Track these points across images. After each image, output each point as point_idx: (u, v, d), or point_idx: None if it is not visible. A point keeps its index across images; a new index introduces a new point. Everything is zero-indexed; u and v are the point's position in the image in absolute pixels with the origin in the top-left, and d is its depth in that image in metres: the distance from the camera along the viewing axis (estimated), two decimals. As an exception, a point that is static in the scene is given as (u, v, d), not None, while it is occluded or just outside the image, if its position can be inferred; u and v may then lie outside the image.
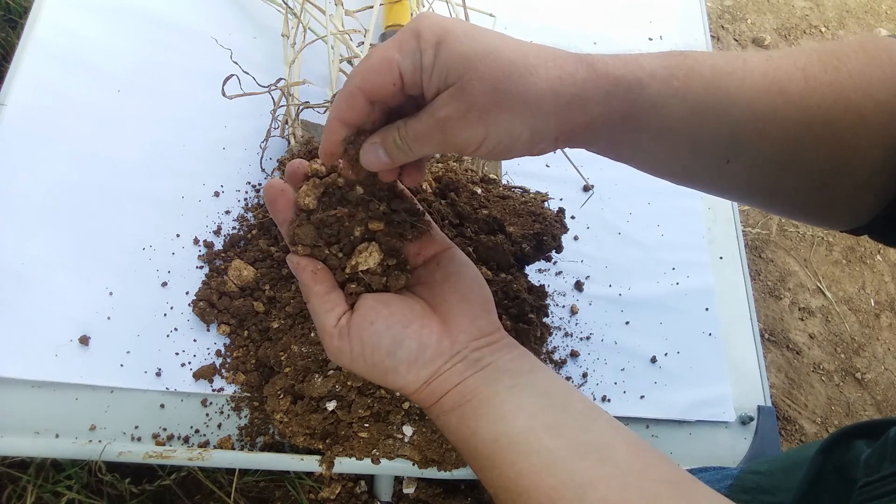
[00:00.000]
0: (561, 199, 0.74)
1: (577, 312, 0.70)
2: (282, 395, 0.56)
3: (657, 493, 0.36)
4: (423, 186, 0.60)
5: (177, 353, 0.60)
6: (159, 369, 0.59)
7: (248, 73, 0.63)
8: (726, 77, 0.37)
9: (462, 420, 0.40)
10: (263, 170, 0.69)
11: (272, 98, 0.67)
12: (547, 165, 0.78)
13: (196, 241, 0.65)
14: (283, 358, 0.56)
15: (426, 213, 0.46)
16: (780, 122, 0.37)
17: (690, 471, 0.61)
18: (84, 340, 0.58)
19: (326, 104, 0.68)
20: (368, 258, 0.42)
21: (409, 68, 0.35)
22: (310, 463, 0.57)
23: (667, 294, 0.73)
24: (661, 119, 0.37)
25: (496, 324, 0.44)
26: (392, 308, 0.41)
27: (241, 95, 0.63)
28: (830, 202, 0.41)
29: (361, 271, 0.43)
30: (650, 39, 0.92)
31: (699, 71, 0.37)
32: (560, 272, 0.72)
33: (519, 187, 0.68)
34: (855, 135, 0.37)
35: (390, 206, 0.44)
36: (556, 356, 0.67)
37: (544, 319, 0.63)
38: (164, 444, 0.57)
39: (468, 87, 0.34)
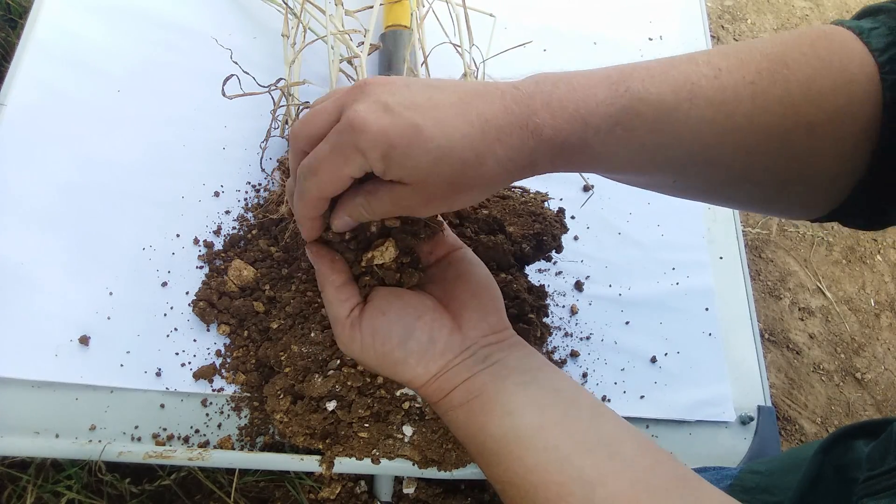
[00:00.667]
0: (561, 199, 0.74)
1: (577, 312, 0.70)
2: (282, 395, 0.56)
3: (666, 488, 0.36)
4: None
5: (177, 353, 0.60)
6: (159, 369, 0.59)
7: (248, 73, 0.63)
8: (670, 115, 0.37)
9: (470, 415, 0.40)
10: (263, 170, 0.69)
11: (272, 98, 0.67)
12: (547, 165, 0.78)
13: (196, 241, 0.65)
14: (283, 358, 0.56)
15: (438, 214, 0.47)
16: (729, 146, 0.38)
17: (690, 471, 0.61)
18: (84, 340, 0.58)
19: (326, 104, 0.68)
20: (385, 253, 0.43)
21: (359, 172, 0.37)
22: (310, 463, 0.57)
23: (667, 294, 0.73)
24: (606, 164, 0.39)
25: (506, 322, 0.45)
26: (405, 300, 0.42)
27: (241, 95, 0.63)
28: (788, 203, 0.42)
29: (376, 265, 0.43)
30: (650, 39, 0.92)
31: (643, 114, 0.37)
32: (560, 272, 0.72)
33: (519, 187, 0.68)
34: (807, 147, 0.37)
35: None
36: (556, 356, 0.67)
37: (544, 319, 0.63)
38: (164, 444, 0.57)
39: (425, 187, 0.36)
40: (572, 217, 0.73)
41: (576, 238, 0.75)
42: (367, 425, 0.56)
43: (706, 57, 0.39)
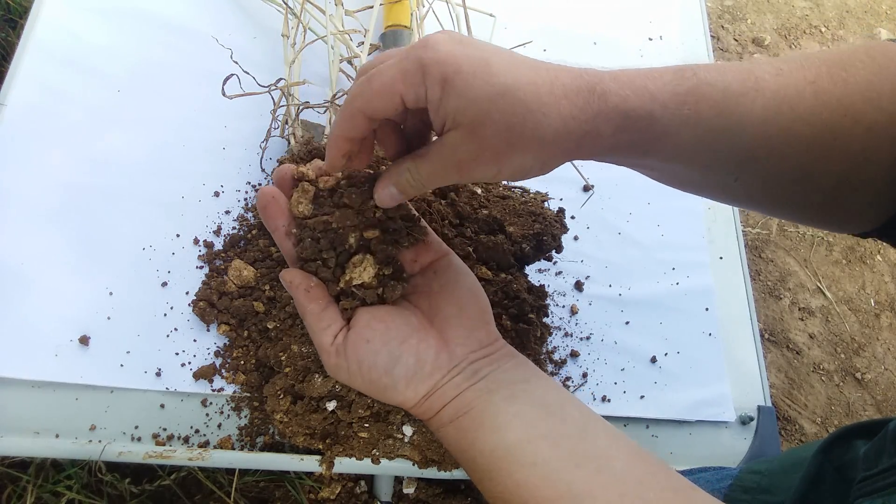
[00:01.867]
0: (561, 199, 0.74)
1: (577, 312, 0.70)
2: (282, 395, 0.56)
3: (657, 501, 0.36)
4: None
5: (177, 353, 0.60)
6: (159, 369, 0.59)
7: (248, 73, 0.64)
8: (737, 100, 0.37)
9: (460, 432, 0.40)
10: (263, 170, 0.69)
11: (272, 98, 0.67)
12: (547, 165, 0.78)
13: (196, 241, 0.65)
14: (283, 358, 0.56)
15: (421, 219, 0.46)
16: (791, 140, 0.37)
17: (690, 470, 0.61)
18: (84, 340, 0.58)
19: (326, 104, 0.68)
20: (363, 272, 0.42)
21: (412, 99, 0.35)
22: (310, 463, 0.57)
23: (667, 294, 0.73)
24: (671, 146, 0.37)
25: (494, 334, 0.44)
26: (388, 324, 0.41)
27: (241, 95, 0.63)
28: (842, 211, 0.41)
29: (355, 286, 0.42)
30: (650, 39, 0.92)
31: (710, 96, 0.37)
32: (560, 272, 0.72)
33: (519, 187, 0.68)
34: (865, 147, 0.38)
35: (386, 213, 0.43)
36: (556, 356, 0.67)
37: (544, 319, 0.63)
38: (164, 444, 0.57)
39: (480, 130, 0.34)
40: (572, 217, 0.73)
41: (576, 238, 0.75)
42: (367, 425, 0.56)
43: (766, 60, 0.39)
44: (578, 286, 0.72)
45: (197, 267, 0.64)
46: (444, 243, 0.46)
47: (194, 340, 0.61)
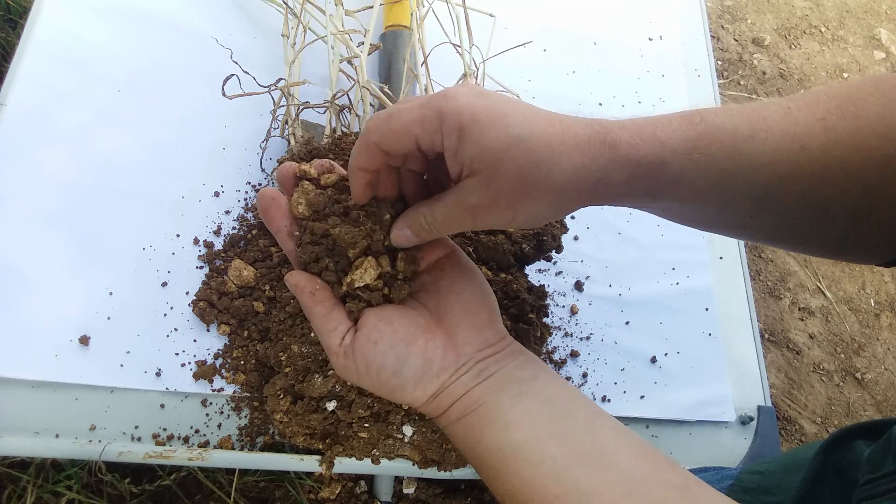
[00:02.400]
0: (561, 199, 0.74)
1: (577, 312, 0.70)
2: (282, 395, 0.56)
3: (663, 498, 0.36)
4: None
5: (177, 354, 0.60)
6: (159, 369, 0.59)
7: (248, 73, 0.64)
8: (747, 142, 0.37)
9: (468, 429, 0.40)
10: (263, 170, 0.69)
11: (272, 98, 0.67)
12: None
13: (196, 241, 0.65)
14: (283, 358, 0.56)
15: None
16: (804, 178, 0.38)
17: (690, 471, 0.61)
18: (84, 340, 0.58)
19: (326, 104, 0.68)
20: (364, 274, 0.42)
21: (427, 144, 0.37)
22: (310, 463, 0.57)
23: (667, 294, 0.73)
24: (683, 190, 0.38)
25: (501, 332, 0.44)
26: (395, 325, 0.41)
27: (241, 95, 0.63)
28: (861, 244, 0.41)
29: (359, 288, 0.42)
30: (650, 39, 0.92)
31: (719, 139, 0.37)
32: (560, 272, 0.72)
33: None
34: (880, 181, 0.37)
35: (393, 210, 0.43)
36: (556, 356, 0.67)
37: (544, 319, 0.63)
38: (164, 444, 0.57)
39: (494, 178, 0.35)
40: (572, 217, 0.74)
41: (576, 238, 0.75)
42: (367, 425, 0.56)
43: (774, 101, 0.39)
44: (578, 286, 0.72)
45: (197, 267, 0.64)
46: (450, 240, 0.46)
47: (194, 340, 0.61)
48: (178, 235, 0.65)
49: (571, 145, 0.35)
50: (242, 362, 0.60)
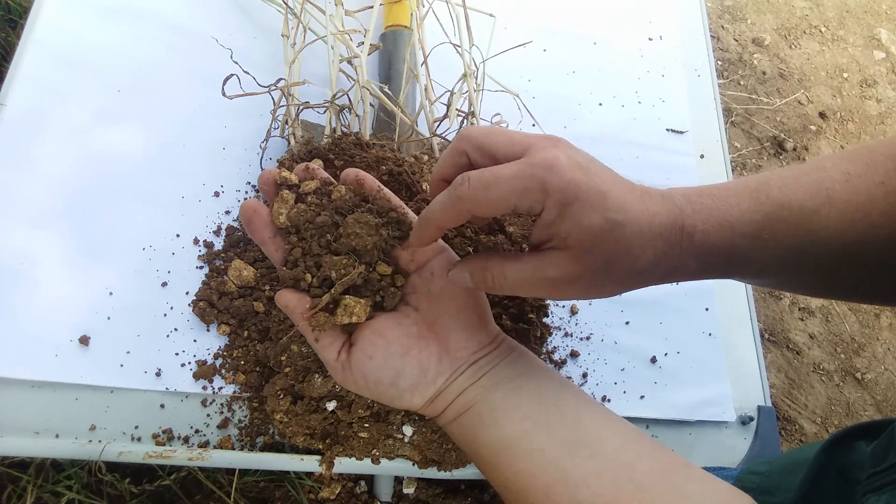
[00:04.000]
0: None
1: (577, 312, 0.70)
2: (282, 395, 0.56)
3: (648, 482, 0.37)
4: (423, 187, 0.60)
5: (177, 354, 0.60)
6: (159, 369, 0.59)
7: (248, 73, 0.63)
8: (811, 217, 0.39)
9: (464, 428, 0.42)
10: (263, 170, 0.69)
11: (272, 98, 0.67)
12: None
13: (196, 241, 0.65)
14: (283, 358, 0.56)
15: (412, 217, 0.46)
16: (870, 245, 0.39)
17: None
18: (84, 340, 0.58)
19: (326, 104, 0.68)
20: (353, 315, 0.42)
21: (524, 211, 0.37)
22: (310, 463, 0.57)
23: (667, 294, 0.73)
24: (752, 268, 0.40)
25: (494, 331, 0.45)
26: (388, 337, 0.42)
27: (241, 95, 0.63)
28: None
29: (345, 325, 0.42)
30: (650, 39, 0.92)
31: (785, 219, 0.39)
32: (560, 272, 0.72)
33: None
34: None
35: (380, 215, 0.44)
36: (556, 356, 0.67)
37: (544, 319, 0.63)
38: (164, 444, 0.57)
39: (585, 258, 0.36)
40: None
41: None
42: (367, 425, 0.56)
43: (832, 162, 0.40)
44: (578, 286, 0.72)
45: (197, 267, 0.64)
46: (441, 241, 0.46)
47: (194, 340, 0.60)
48: (178, 235, 0.65)
49: (657, 234, 0.37)
50: (242, 362, 0.60)
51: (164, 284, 0.62)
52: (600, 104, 0.85)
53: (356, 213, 0.44)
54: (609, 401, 0.66)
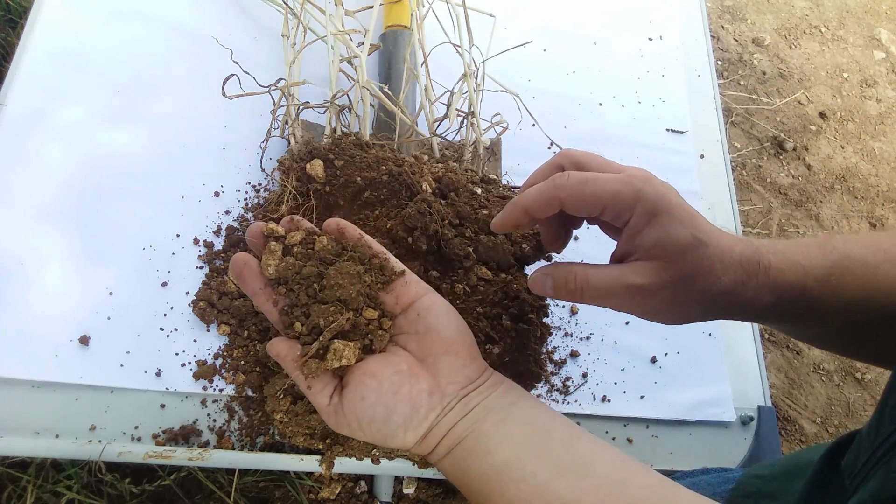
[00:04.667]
0: (561, 200, 0.74)
1: (577, 312, 0.70)
2: (282, 396, 0.55)
3: (641, 498, 0.37)
4: (423, 187, 0.60)
5: (177, 354, 0.60)
6: (159, 369, 0.59)
7: (248, 73, 0.63)
8: (875, 271, 0.41)
9: (455, 462, 0.42)
10: (263, 170, 0.69)
11: (272, 98, 0.66)
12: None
13: (196, 241, 0.65)
14: (283, 358, 0.56)
15: (394, 260, 0.47)
16: None
17: (692, 472, 0.61)
18: (84, 340, 0.58)
19: (326, 104, 0.68)
20: (342, 358, 0.43)
21: (611, 215, 0.39)
22: (310, 463, 0.57)
23: (667, 294, 0.73)
24: (816, 313, 0.41)
25: (482, 366, 0.46)
26: (379, 377, 0.42)
27: (242, 95, 0.63)
28: None
29: (336, 368, 0.43)
30: (650, 39, 0.92)
31: (851, 269, 0.41)
32: (560, 272, 0.72)
33: (518, 187, 0.68)
34: None
35: (362, 263, 0.45)
36: (556, 356, 0.67)
37: (544, 319, 0.63)
38: (164, 444, 0.57)
39: (669, 269, 0.38)
40: (572, 217, 0.73)
41: (576, 238, 0.74)
42: (367, 425, 0.56)
43: (888, 233, 0.44)
44: (578, 286, 0.72)
45: (197, 267, 0.64)
46: (422, 282, 0.48)
47: (194, 340, 0.60)
48: (178, 235, 0.65)
49: (735, 261, 0.39)
50: (242, 362, 0.60)
51: (164, 284, 0.62)
52: (600, 104, 0.85)
53: (338, 263, 0.45)
54: (609, 401, 0.66)
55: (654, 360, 0.69)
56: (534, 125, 0.74)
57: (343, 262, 0.45)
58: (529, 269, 0.68)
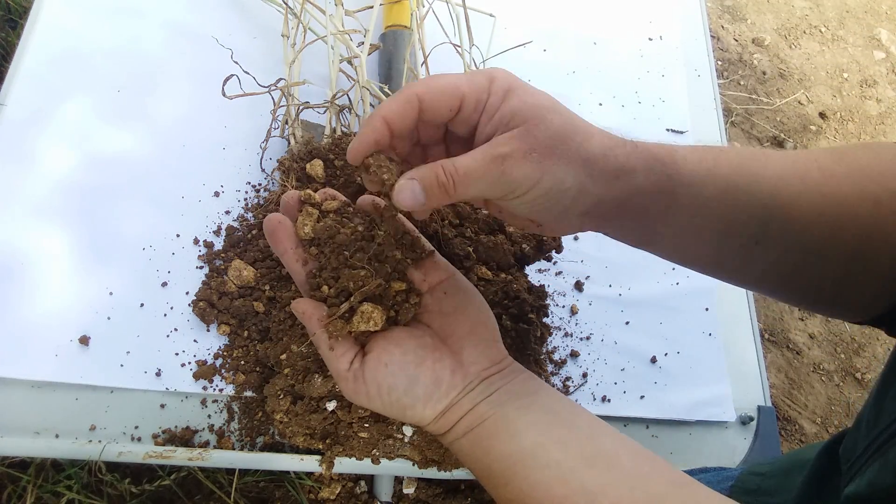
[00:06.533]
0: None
1: (577, 312, 0.70)
2: (282, 396, 0.56)
3: (664, 493, 0.38)
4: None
5: (177, 354, 0.60)
6: (159, 369, 0.59)
7: (248, 73, 0.63)
8: (751, 161, 0.41)
9: (475, 442, 0.42)
10: (263, 170, 0.69)
11: (272, 98, 0.66)
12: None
13: (196, 241, 0.65)
14: (282, 358, 0.56)
15: (424, 240, 0.47)
16: (804, 207, 0.40)
17: (691, 471, 0.61)
18: (84, 340, 0.58)
19: (326, 104, 0.68)
20: (368, 322, 0.42)
21: (471, 103, 0.37)
22: (310, 463, 0.57)
23: (667, 294, 0.73)
24: (694, 197, 0.40)
25: (503, 351, 0.46)
26: (404, 347, 0.43)
27: (241, 95, 0.63)
28: (850, 291, 0.43)
29: (361, 332, 0.43)
30: (650, 39, 0.92)
31: (727, 155, 0.41)
32: (560, 272, 0.72)
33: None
34: (874, 222, 0.40)
35: (396, 239, 0.45)
36: (556, 356, 0.67)
37: (544, 319, 0.63)
38: (163, 445, 0.57)
39: (534, 130, 0.36)
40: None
41: (576, 238, 0.75)
42: (367, 425, 0.56)
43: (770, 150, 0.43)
44: (578, 286, 0.72)
45: (197, 267, 0.64)
46: (450, 264, 0.48)
47: (194, 340, 0.60)
48: (178, 235, 0.65)
49: (600, 132, 0.38)
50: (242, 362, 0.60)
51: (164, 284, 0.62)
52: (600, 104, 0.85)
53: (372, 232, 0.45)
54: (609, 401, 0.66)
55: (653, 360, 0.69)
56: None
57: (377, 232, 0.45)
58: (529, 269, 0.68)
